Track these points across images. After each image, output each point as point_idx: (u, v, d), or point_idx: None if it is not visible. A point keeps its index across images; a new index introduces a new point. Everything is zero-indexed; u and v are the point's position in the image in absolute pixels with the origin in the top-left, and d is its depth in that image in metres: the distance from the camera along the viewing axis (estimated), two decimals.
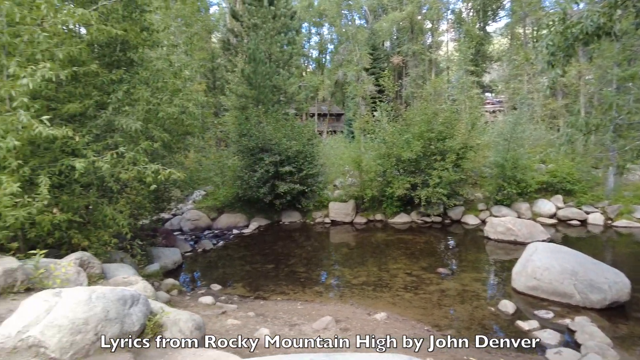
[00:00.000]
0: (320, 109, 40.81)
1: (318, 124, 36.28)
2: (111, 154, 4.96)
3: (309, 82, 32.37)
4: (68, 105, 5.15)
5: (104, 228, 5.73)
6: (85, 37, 6.44)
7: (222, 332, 5.64)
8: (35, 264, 3.74)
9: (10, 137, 4.24)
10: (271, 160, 13.13)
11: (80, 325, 2.92)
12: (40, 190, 4.32)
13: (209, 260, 10.18)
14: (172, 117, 6.97)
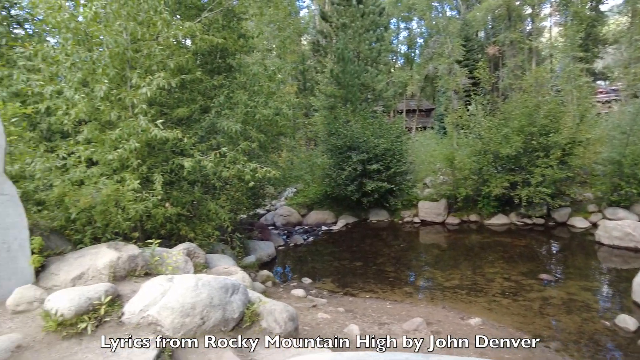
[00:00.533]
0: (409, 105, 39.87)
1: (407, 120, 35.45)
2: (215, 154, 5.41)
3: (397, 78, 31.82)
4: (177, 110, 5.73)
5: (207, 221, 6.25)
6: (191, 48, 7.07)
7: (313, 325, 5.82)
8: (151, 252, 4.23)
9: (132, 139, 4.83)
10: (359, 158, 13.17)
11: (188, 309, 3.24)
12: (155, 186, 4.87)
13: (300, 255, 10.56)
14: (267, 119, 7.36)
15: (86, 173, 4.69)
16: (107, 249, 3.92)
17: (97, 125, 5.02)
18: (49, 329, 2.93)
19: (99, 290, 3.21)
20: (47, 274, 3.66)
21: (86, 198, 4.05)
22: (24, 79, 4.76)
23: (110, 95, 4.93)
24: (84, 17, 5.10)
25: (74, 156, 4.87)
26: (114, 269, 3.72)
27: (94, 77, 4.93)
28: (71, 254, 3.93)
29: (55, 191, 4.06)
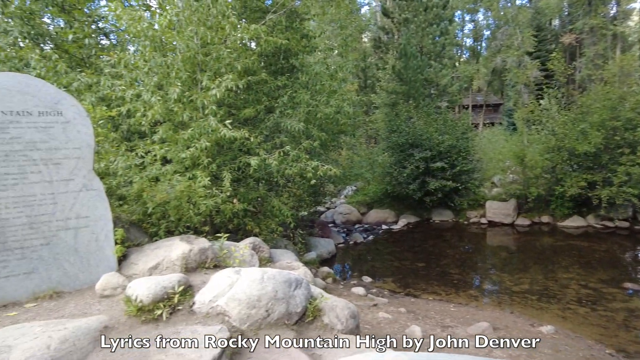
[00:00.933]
0: (475, 100, 38.14)
1: (473, 116, 33.94)
2: (279, 152, 5.56)
3: (462, 73, 30.57)
4: (244, 111, 5.97)
5: (271, 217, 6.45)
6: (256, 50, 7.31)
7: (374, 323, 5.80)
8: (220, 245, 4.45)
9: (203, 139, 5.11)
10: (422, 156, 12.85)
11: (254, 301, 3.36)
12: (224, 183, 5.11)
13: (360, 253, 10.54)
14: (328, 117, 7.43)
15: (161, 170, 5.03)
16: (179, 241, 4.18)
17: (171, 126, 5.37)
18: (130, 313, 3.19)
19: (172, 280, 3.43)
20: (127, 263, 3.98)
21: (162, 194, 4.36)
22: (109, 84, 5.22)
23: (183, 97, 5.25)
24: (160, 25, 5.47)
25: (150, 155, 5.25)
26: (186, 261, 3.96)
27: (168, 81, 5.28)
28: (148, 245, 4.25)
29: (135, 187, 4.42)
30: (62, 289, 3.64)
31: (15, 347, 2.66)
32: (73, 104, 3.70)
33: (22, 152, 3.46)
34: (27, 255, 3.50)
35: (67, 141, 3.65)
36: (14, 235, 3.44)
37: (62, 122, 3.64)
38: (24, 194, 3.47)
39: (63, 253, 3.65)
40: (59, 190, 3.61)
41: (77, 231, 3.70)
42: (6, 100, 3.41)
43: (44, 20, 7.00)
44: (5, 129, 3.40)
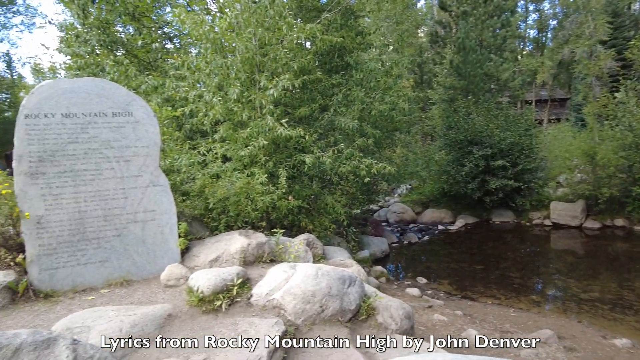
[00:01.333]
0: (540, 95, 35.89)
1: (537, 111, 31.96)
2: (333, 150, 5.60)
3: (525, 66, 28.89)
4: (299, 110, 6.07)
5: (325, 215, 6.50)
6: (311, 49, 7.39)
7: (429, 325, 5.67)
8: (276, 240, 4.57)
9: (261, 137, 5.26)
10: (481, 153, 12.34)
11: (309, 296, 3.42)
12: (280, 180, 5.23)
13: (414, 254, 10.34)
14: (383, 115, 7.35)
15: (221, 168, 5.25)
16: (238, 236, 4.34)
17: (231, 125, 5.58)
18: (191, 303, 3.37)
19: (231, 273, 3.57)
20: (190, 255, 4.21)
21: (222, 190, 4.56)
22: (174, 86, 5.53)
23: (242, 98, 5.44)
24: (220, 28, 5.70)
25: (211, 153, 5.50)
26: (244, 254, 4.10)
27: (228, 82, 5.50)
28: (209, 239, 4.46)
29: (198, 183, 4.66)
30: (131, 277, 3.92)
31: (93, 328, 2.91)
32: (142, 105, 3.96)
33: (98, 150, 3.77)
34: (102, 245, 3.80)
35: (136, 140, 3.92)
36: (91, 226, 3.75)
37: (132, 122, 3.91)
38: (99, 189, 3.77)
39: (132, 244, 3.92)
40: (129, 185, 3.89)
41: (145, 224, 3.97)
42: (86, 103, 3.72)
43: (116, 29, 7.55)
44: (85, 129, 3.71)
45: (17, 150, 3.50)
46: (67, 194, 3.65)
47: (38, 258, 3.57)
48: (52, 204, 3.60)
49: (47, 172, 3.58)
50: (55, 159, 3.60)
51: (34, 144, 3.54)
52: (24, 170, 3.51)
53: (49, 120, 3.59)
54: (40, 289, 3.57)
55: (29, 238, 3.55)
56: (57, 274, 3.64)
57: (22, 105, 3.54)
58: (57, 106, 3.62)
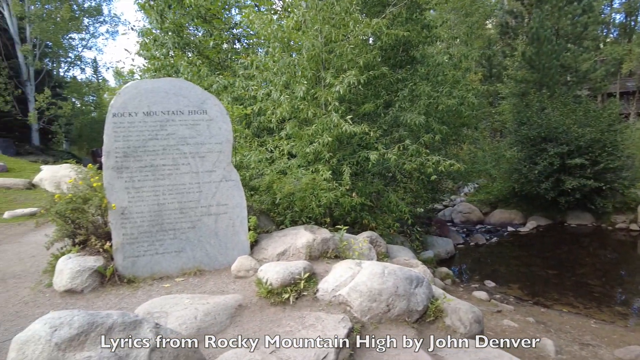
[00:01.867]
0: (625, 87, 32.59)
1: (623, 104, 29.09)
2: (398, 146, 5.48)
3: (609, 55, 26.38)
4: (364, 106, 6.01)
5: (388, 213, 6.40)
6: (376, 44, 7.29)
7: (498, 331, 5.39)
8: (340, 237, 4.57)
9: (326, 134, 5.28)
10: (556, 151, 11.47)
11: (375, 294, 3.38)
12: (344, 177, 5.22)
13: (481, 256, 9.88)
14: (450, 110, 7.08)
15: (287, 164, 5.35)
16: (304, 231, 4.40)
17: (296, 123, 5.67)
18: (261, 295, 3.46)
19: (299, 267, 3.62)
20: (258, 248, 4.33)
21: (289, 185, 4.64)
22: (244, 85, 5.72)
23: (307, 95, 5.50)
24: (286, 27, 5.79)
25: (278, 150, 5.62)
26: (310, 249, 4.15)
27: (294, 80, 5.58)
28: (276, 232, 4.56)
29: (266, 179, 4.79)
30: (204, 267, 4.12)
31: (170, 314, 3.09)
32: (216, 104, 4.14)
33: (175, 147, 3.99)
34: (178, 236, 4.03)
35: (210, 137, 4.10)
36: (168, 218, 3.99)
37: (207, 120, 4.09)
38: (176, 183, 4.00)
39: (206, 236, 4.12)
40: (203, 180, 4.08)
41: (217, 217, 4.14)
42: (165, 102, 3.96)
43: (189, 32, 7.96)
44: (164, 126, 3.95)
45: (105, 146, 3.81)
46: (148, 187, 3.91)
47: (122, 246, 3.87)
48: (135, 196, 3.88)
49: (130, 166, 3.86)
50: (137, 154, 3.87)
51: (119, 140, 3.83)
52: (111, 165, 3.81)
53: (132, 119, 3.86)
54: (124, 275, 3.86)
55: (114, 227, 3.85)
56: (138, 261, 3.91)
57: (110, 104, 3.85)
58: (140, 105, 3.88)
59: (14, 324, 3.15)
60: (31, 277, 4.25)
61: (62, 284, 3.67)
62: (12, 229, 6.77)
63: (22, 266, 4.72)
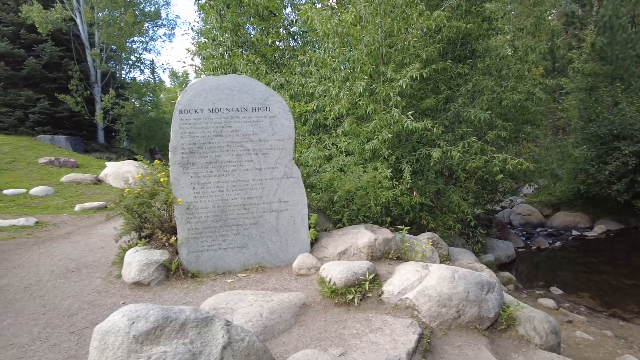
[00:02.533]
0: None
1: None
2: (462, 144, 5.22)
3: None
4: (425, 101, 5.78)
5: (448, 213, 6.13)
6: (435, 37, 7.01)
7: (571, 343, 5.00)
8: (402, 237, 4.40)
9: (385, 131, 5.13)
10: (632, 149, 10.56)
11: (445, 299, 3.20)
12: (404, 175, 5.04)
13: (544, 261, 9.28)
14: (515, 105, 6.67)
15: (345, 162, 5.25)
16: (365, 230, 4.28)
17: (354, 119, 5.55)
18: (324, 294, 3.39)
19: (362, 267, 3.51)
20: (318, 247, 4.26)
21: (351, 183, 4.54)
22: (302, 82, 5.67)
23: (366, 91, 5.36)
24: (345, 22, 5.68)
25: (334, 147, 5.53)
26: (372, 249, 4.02)
27: (353, 75, 5.46)
28: (335, 231, 4.47)
29: (327, 176, 4.71)
30: (265, 264, 4.11)
31: (236, 310, 3.08)
32: (278, 100, 4.11)
33: (239, 143, 4.00)
34: (241, 232, 4.05)
35: (272, 133, 4.09)
36: (232, 214, 4.01)
37: (270, 117, 4.08)
38: (239, 179, 4.01)
39: (267, 232, 4.11)
40: (265, 176, 4.07)
41: (279, 214, 4.12)
42: (229, 99, 3.98)
43: (246, 30, 8.06)
44: (229, 123, 3.97)
45: (172, 142, 3.89)
46: (212, 183, 3.95)
47: (187, 241, 3.94)
48: (200, 192, 3.93)
49: (196, 162, 3.91)
50: (202, 150, 3.92)
51: (186, 136, 3.89)
52: (178, 161, 3.89)
53: (198, 115, 3.92)
54: (188, 269, 3.93)
55: (180, 222, 3.93)
56: (202, 256, 3.97)
57: (177, 101, 3.92)
58: (205, 102, 3.93)
59: (90, 312, 3.29)
60: (101, 268, 4.44)
61: (131, 276, 3.79)
62: (83, 221, 7.18)
63: (93, 257, 4.96)
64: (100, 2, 16.60)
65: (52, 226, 6.82)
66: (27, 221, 6.78)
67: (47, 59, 15.23)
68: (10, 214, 7.61)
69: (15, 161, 11.89)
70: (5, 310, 3.38)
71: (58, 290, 3.81)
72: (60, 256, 5.03)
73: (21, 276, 4.26)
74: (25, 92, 14.84)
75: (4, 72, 14.52)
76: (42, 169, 11.58)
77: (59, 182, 10.48)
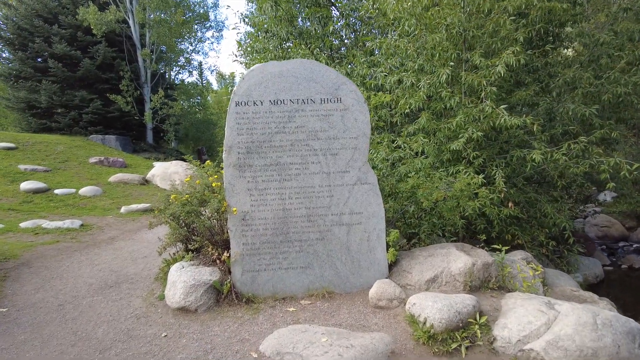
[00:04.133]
0: None
1: None
2: (567, 144, 4.26)
3: None
4: (517, 93, 4.84)
5: (538, 227, 5.16)
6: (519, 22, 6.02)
7: None
8: (500, 260, 3.53)
9: (471, 128, 4.26)
10: None
11: (589, 356, 2.33)
12: (497, 182, 4.15)
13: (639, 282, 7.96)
14: (617, 99, 5.57)
15: (421, 164, 4.43)
16: (457, 251, 3.45)
17: (430, 114, 4.70)
18: (418, 339, 2.60)
19: (467, 304, 2.70)
20: (399, 270, 3.47)
21: (440, 192, 3.71)
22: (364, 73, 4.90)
23: (450, 80, 4.50)
24: (419, 3, 4.85)
25: (406, 147, 4.72)
26: (469, 277, 3.19)
27: (432, 63, 4.62)
28: (419, 251, 3.66)
29: (409, 183, 3.90)
30: (333, 289, 3.38)
31: (307, 358, 2.37)
32: (352, 90, 3.37)
33: (304, 142, 3.31)
34: (304, 248, 3.34)
35: (344, 130, 3.36)
36: (294, 227, 3.32)
37: (341, 110, 3.35)
38: (304, 185, 3.31)
39: (336, 250, 3.38)
40: (335, 182, 3.35)
41: (350, 228, 3.38)
42: (294, 88, 3.29)
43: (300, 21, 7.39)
44: (292, 117, 3.29)
45: (227, 140, 3.25)
46: (273, 189, 3.28)
47: (242, 258, 3.28)
48: (258, 199, 3.27)
49: (254, 164, 3.26)
50: (262, 150, 3.26)
51: (242, 133, 3.25)
52: (233, 162, 3.25)
53: (257, 108, 3.26)
54: (242, 292, 3.28)
55: (234, 235, 3.29)
56: (258, 277, 3.30)
57: (233, 92, 3.29)
58: (266, 92, 3.27)
59: (125, 347, 2.68)
60: (143, 283, 3.90)
61: (175, 299, 3.18)
62: (128, 224, 6.79)
63: (135, 268, 4.46)
64: (152, 2, 16.63)
65: (97, 229, 6.47)
66: (72, 224, 6.47)
67: (101, 60, 15.39)
68: (59, 214, 7.39)
69: (68, 160, 11.94)
70: (32, 337, 2.85)
71: (93, 311, 3.27)
72: (101, 265, 4.57)
73: (57, 289, 3.79)
74: (80, 93, 15.05)
75: (61, 73, 14.79)
76: (92, 169, 11.55)
77: (107, 182, 10.33)
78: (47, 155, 11.92)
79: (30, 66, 15.03)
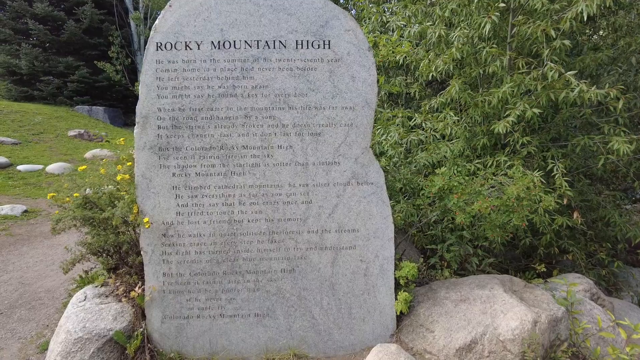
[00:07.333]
0: None
1: None
2: None
3: None
4: (588, 55, 3.43)
5: (597, 240, 3.86)
6: None
7: None
8: (570, 304, 2.27)
9: (522, 102, 2.92)
10: None
11: None
12: (557, 180, 2.85)
13: None
14: None
15: (450, 152, 3.12)
16: (504, 293, 2.17)
17: (462, 83, 3.34)
18: None
19: None
20: (413, 324, 2.21)
21: (485, 200, 2.42)
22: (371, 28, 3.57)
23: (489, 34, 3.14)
24: None
25: (428, 126, 3.41)
26: (529, 345, 1.92)
27: (469, 8, 3.24)
28: (445, 289, 2.37)
29: (436, 184, 2.60)
30: (306, 351, 2.14)
31: None
32: (348, 28, 2.05)
33: (268, 112, 2.02)
34: (262, 285, 2.10)
35: (333, 95, 2.05)
36: (247, 249, 2.07)
37: (329, 61, 2.04)
38: (266, 183, 2.05)
39: (312, 289, 2.13)
40: (315, 180, 2.07)
41: (338, 254, 2.12)
42: (253, 23, 1.99)
43: None
44: (249, 71, 1.99)
45: (140, 106, 1.99)
46: (213, 187, 2.02)
47: (162, 296, 2.06)
48: (189, 203, 2.02)
49: (183, 146, 1.99)
50: (197, 123, 1.99)
51: (166, 95, 1.97)
52: (150, 142, 1.99)
53: (191, 55, 1.97)
54: (163, 350, 2.06)
55: (150, 260, 2.06)
56: (188, 327, 2.08)
57: (153, 27, 1.99)
58: (207, 28, 1.97)
59: None
60: (46, 310, 2.76)
61: None
62: None
63: (55, 279, 3.35)
64: None
65: (43, 218, 5.33)
66: (12, 210, 5.32)
67: (88, 23, 14.02)
68: (12, 196, 6.25)
69: (44, 132, 10.77)
70: None
71: None
72: (13, 274, 3.44)
73: None
74: (65, 59, 13.77)
75: (43, 36, 13.50)
76: (69, 143, 10.37)
77: (83, 159, 9.16)
78: (20, 126, 10.75)
79: (10, 27, 13.72)
